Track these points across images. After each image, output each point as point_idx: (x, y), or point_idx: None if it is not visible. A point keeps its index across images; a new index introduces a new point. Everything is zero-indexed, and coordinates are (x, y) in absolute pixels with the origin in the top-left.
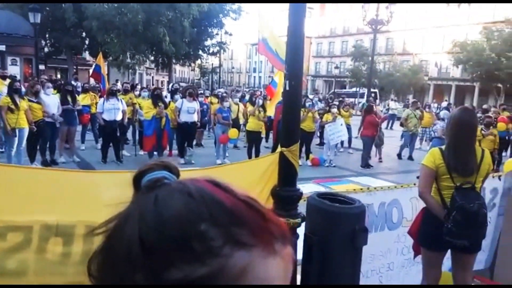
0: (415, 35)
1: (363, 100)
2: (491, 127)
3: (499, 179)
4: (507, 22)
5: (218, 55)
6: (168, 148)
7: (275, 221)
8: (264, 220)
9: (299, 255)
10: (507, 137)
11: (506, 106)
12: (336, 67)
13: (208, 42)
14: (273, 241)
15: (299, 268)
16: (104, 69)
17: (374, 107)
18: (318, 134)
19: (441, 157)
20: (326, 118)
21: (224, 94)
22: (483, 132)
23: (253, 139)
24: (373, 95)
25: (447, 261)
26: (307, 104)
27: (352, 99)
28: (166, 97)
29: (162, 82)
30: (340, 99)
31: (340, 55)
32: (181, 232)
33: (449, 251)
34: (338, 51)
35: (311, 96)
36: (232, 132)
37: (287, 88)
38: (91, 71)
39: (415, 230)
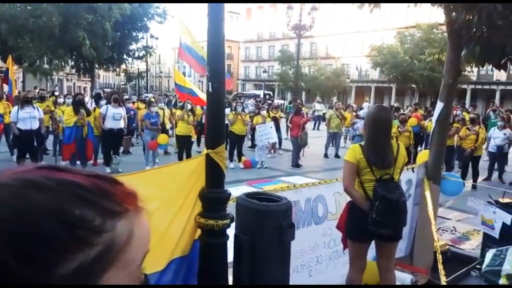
0: (336, 40)
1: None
2: (406, 123)
3: (413, 171)
4: (417, 27)
5: (144, 59)
6: (93, 158)
7: (123, 182)
8: (120, 185)
9: (230, 257)
10: (421, 133)
11: (419, 105)
12: (265, 71)
13: (133, 46)
14: (136, 200)
15: (230, 270)
16: (13, 74)
17: (302, 108)
18: (250, 137)
19: (361, 152)
20: (257, 121)
21: (152, 99)
22: (399, 129)
23: (184, 144)
24: (267, 96)
25: (371, 250)
26: (238, 108)
27: (281, 101)
28: (88, 103)
29: (84, 88)
30: (269, 102)
31: (268, 59)
32: (58, 227)
33: (373, 242)
34: (266, 55)
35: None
36: (162, 138)
37: (210, 90)
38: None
39: (342, 224)
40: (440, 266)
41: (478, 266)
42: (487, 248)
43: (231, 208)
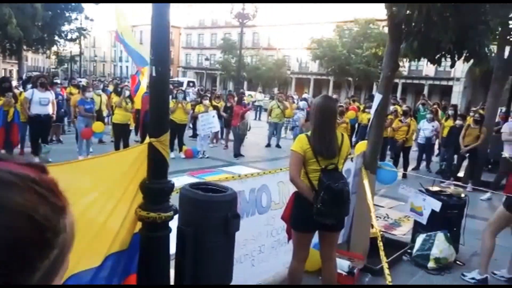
0: (278, 31)
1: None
2: (344, 116)
3: (352, 161)
4: (355, 22)
5: (78, 41)
6: (20, 146)
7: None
8: (49, 174)
9: (172, 249)
10: (356, 124)
11: (356, 98)
12: (207, 59)
13: (66, 27)
14: (63, 192)
15: (172, 263)
16: None
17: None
18: (191, 126)
19: (308, 142)
20: (199, 110)
21: (85, 84)
22: (338, 120)
23: (121, 132)
24: (190, 84)
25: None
26: (179, 96)
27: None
28: (16, 87)
29: (10, 71)
30: (213, 91)
31: (210, 47)
32: (30, 230)
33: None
34: (208, 43)
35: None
36: (97, 126)
37: (154, 74)
38: None
39: (287, 215)
40: (382, 253)
41: (409, 251)
42: (417, 234)
43: (173, 199)
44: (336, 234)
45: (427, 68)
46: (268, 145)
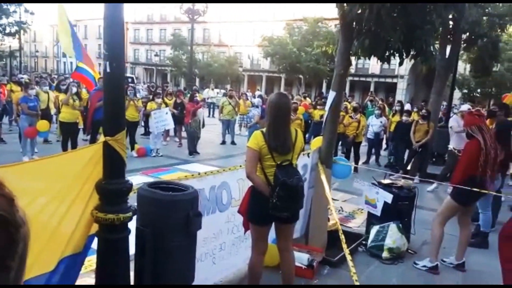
0: (229, 28)
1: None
2: (296, 112)
3: (308, 156)
4: (304, 20)
5: (17, 36)
6: None
7: None
8: None
9: (132, 250)
10: (309, 121)
11: (307, 94)
12: (156, 55)
13: (4, 21)
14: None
15: (132, 264)
16: None
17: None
18: (143, 124)
19: (263, 139)
20: (151, 107)
21: (28, 81)
22: (292, 116)
23: (68, 131)
24: (129, 80)
25: (272, 234)
26: (129, 93)
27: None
28: None
29: None
30: (165, 88)
31: (159, 42)
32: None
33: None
34: (157, 38)
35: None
36: (41, 124)
37: (108, 70)
38: None
39: (244, 208)
40: (344, 245)
41: (364, 242)
42: (371, 225)
43: (130, 200)
44: (291, 225)
45: (373, 66)
46: (223, 142)
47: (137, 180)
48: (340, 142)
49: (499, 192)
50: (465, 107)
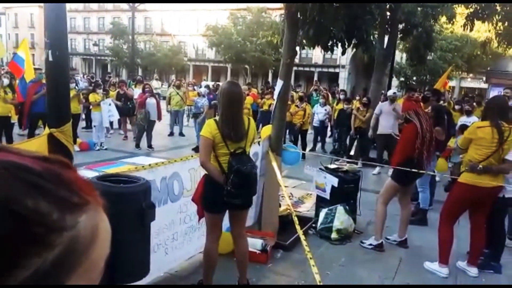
0: (172, 17)
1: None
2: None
3: (259, 145)
4: (248, 10)
5: None
6: None
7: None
8: (74, 170)
9: None
10: (257, 110)
11: (252, 85)
12: (95, 44)
13: None
14: (94, 190)
15: None
16: None
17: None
18: (84, 117)
19: (216, 127)
20: (94, 99)
21: None
22: None
23: (1, 126)
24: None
25: (226, 222)
26: (70, 85)
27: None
28: None
29: None
30: (107, 78)
31: (98, 32)
32: (8, 222)
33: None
34: (95, 27)
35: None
36: None
37: (50, 59)
38: None
39: (198, 196)
40: (298, 227)
41: (314, 225)
42: (320, 209)
43: None
44: (245, 211)
45: (316, 56)
46: (171, 134)
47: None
48: (287, 131)
49: (432, 171)
50: (391, 92)
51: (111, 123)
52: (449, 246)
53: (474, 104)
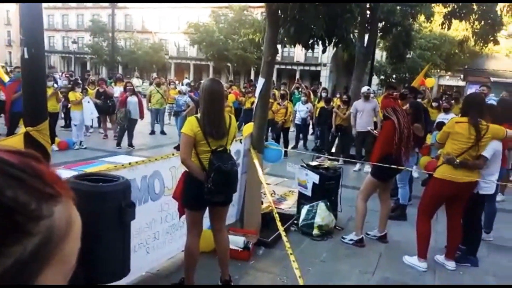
0: (153, 14)
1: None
2: (227, 99)
3: (241, 142)
4: (230, 8)
5: None
6: None
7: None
8: (45, 164)
9: None
10: (240, 108)
11: (233, 83)
12: (74, 42)
13: None
14: (65, 183)
15: None
16: None
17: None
18: (63, 115)
19: (198, 124)
20: (75, 97)
21: None
22: None
23: None
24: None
25: (206, 220)
26: (48, 83)
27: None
28: None
29: None
30: (85, 76)
31: (77, 29)
32: None
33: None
34: (74, 25)
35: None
36: None
37: (26, 56)
38: None
39: (178, 193)
40: (279, 223)
41: (295, 222)
42: (302, 205)
43: None
44: (225, 208)
45: (298, 54)
46: (152, 132)
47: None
48: (269, 129)
49: (411, 167)
50: (364, 88)
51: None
52: (427, 241)
53: (452, 101)
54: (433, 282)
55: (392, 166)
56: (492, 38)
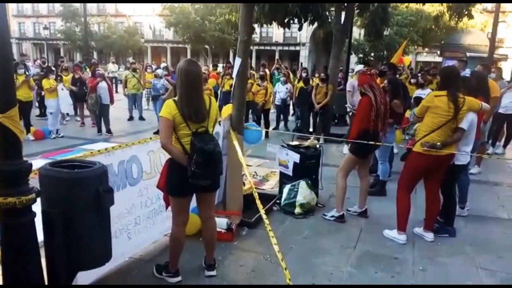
0: None
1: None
2: (206, 83)
3: (220, 124)
4: None
5: None
6: None
7: None
8: None
9: (40, 236)
10: (218, 91)
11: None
12: (45, 28)
13: None
14: None
15: (42, 252)
16: None
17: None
18: (37, 104)
19: (176, 107)
20: (49, 85)
21: None
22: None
23: None
24: None
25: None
26: (19, 71)
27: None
28: None
29: None
30: (59, 62)
31: (48, 14)
32: None
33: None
34: (45, 10)
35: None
36: None
37: None
38: None
39: (163, 183)
40: (258, 202)
41: (278, 201)
42: (283, 185)
43: (32, 183)
44: (213, 193)
45: (276, 34)
46: (131, 118)
47: (37, 164)
48: (250, 110)
49: (390, 143)
50: (359, 67)
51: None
52: (406, 214)
53: (429, 76)
54: (412, 253)
55: (370, 143)
56: (466, 13)
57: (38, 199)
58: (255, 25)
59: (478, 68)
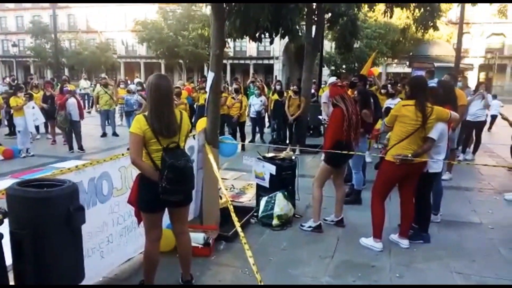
0: (97, 12)
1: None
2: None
3: (194, 138)
4: (178, 4)
5: None
6: None
7: None
8: None
9: (8, 260)
10: (194, 105)
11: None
12: (14, 45)
13: None
14: None
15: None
16: None
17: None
18: (6, 123)
19: (146, 123)
20: (16, 103)
21: None
22: (175, 101)
23: None
24: None
25: (165, 218)
26: None
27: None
28: None
29: None
30: (28, 80)
31: (17, 31)
32: None
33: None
34: (14, 27)
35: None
36: None
37: None
38: None
39: (133, 198)
40: (233, 215)
41: (255, 214)
42: (260, 197)
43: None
44: (186, 208)
45: (250, 48)
46: (104, 135)
47: (6, 184)
48: (225, 124)
49: (362, 152)
50: (332, 79)
51: (37, 128)
52: (381, 222)
53: (399, 87)
54: (389, 260)
55: (343, 152)
56: (431, 25)
57: (6, 220)
58: (229, 40)
59: (445, 78)
